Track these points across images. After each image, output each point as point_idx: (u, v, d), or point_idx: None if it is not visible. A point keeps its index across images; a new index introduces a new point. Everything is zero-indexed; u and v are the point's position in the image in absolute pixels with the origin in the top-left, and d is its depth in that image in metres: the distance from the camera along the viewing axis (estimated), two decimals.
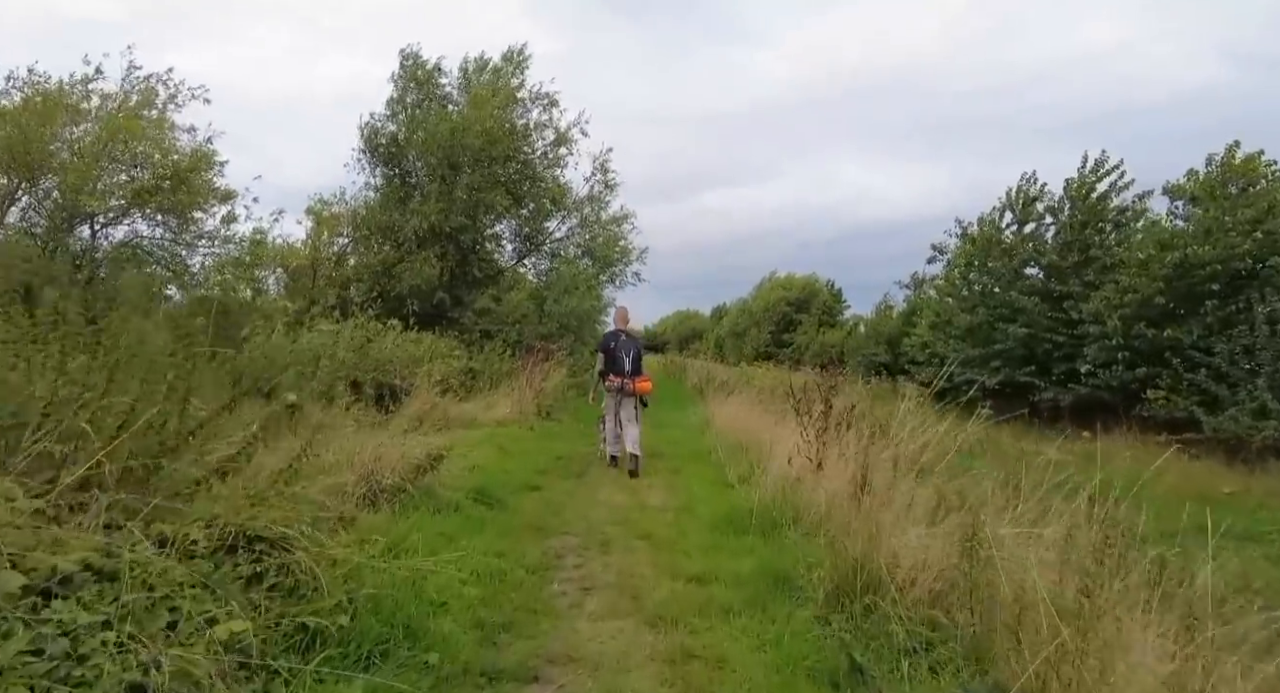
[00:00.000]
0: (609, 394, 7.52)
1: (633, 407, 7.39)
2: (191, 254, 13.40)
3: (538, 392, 10.84)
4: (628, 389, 7.34)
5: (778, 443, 6.98)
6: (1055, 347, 17.21)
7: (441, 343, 12.72)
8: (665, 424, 11.30)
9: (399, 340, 11.78)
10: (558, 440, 9.41)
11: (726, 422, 9.43)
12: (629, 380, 7.37)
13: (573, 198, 17.87)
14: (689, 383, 19.45)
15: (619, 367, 7.41)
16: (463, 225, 14.70)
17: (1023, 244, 19.11)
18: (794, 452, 5.99)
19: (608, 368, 7.48)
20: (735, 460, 7.23)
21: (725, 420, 9.51)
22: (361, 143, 16.32)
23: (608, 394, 7.55)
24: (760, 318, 39.71)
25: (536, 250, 17.95)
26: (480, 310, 14.31)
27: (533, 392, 10.64)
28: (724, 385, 15.50)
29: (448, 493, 5.33)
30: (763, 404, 9.90)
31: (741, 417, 9.39)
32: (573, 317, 14.13)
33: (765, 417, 9.09)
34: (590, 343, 15.41)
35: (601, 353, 7.66)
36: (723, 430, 9.25)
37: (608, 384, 7.47)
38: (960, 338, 19.80)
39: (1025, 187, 20.18)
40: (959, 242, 21.81)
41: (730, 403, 10.81)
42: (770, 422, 8.77)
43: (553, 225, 18.01)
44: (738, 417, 9.40)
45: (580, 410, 12.21)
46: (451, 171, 15.06)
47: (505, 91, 15.89)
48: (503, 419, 10.12)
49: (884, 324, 27.65)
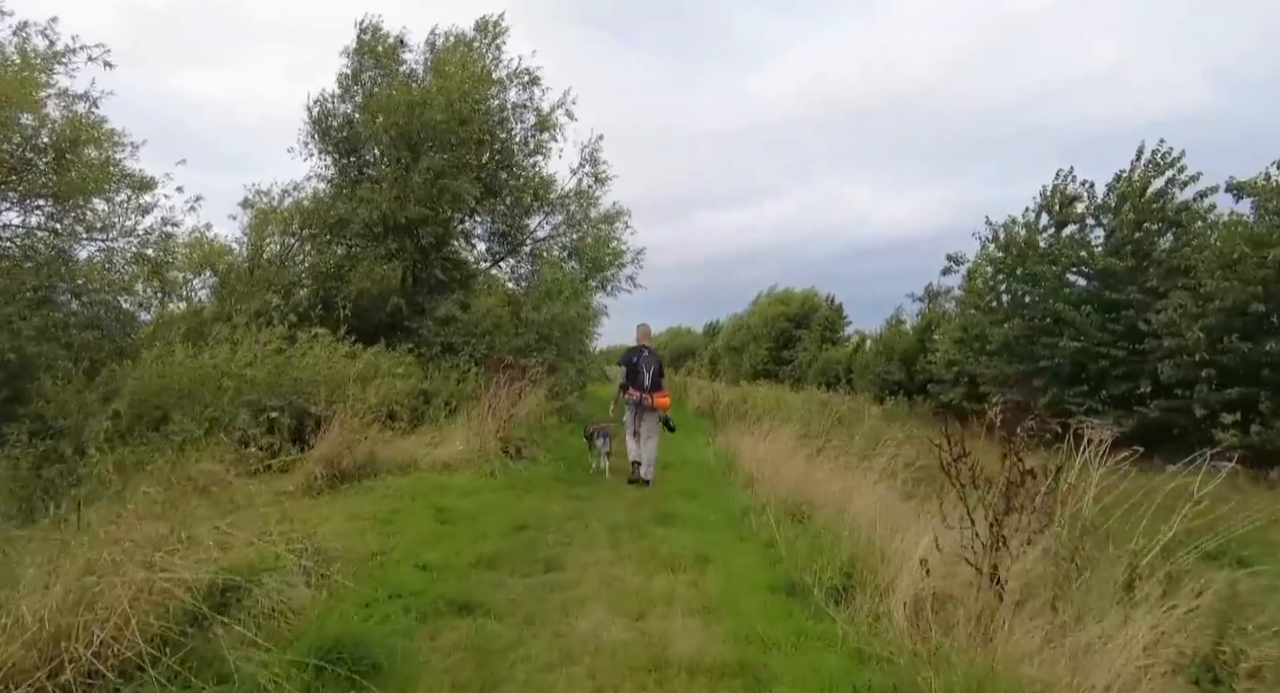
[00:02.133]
0: (628, 407, 7.44)
1: (653, 422, 7.33)
2: (76, 247, 10.50)
3: (504, 421, 7.99)
4: (646, 403, 7.29)
5: (873, 517, 4.20)
6: (1113, 363, 14.57)
7: (386, 358, 9.86)
8: (673, 463, 8.48)
9: (327, 355, 8.92)
10: (527, 493, 6.56)
11: (763, 468, 6.61)
12: (648, 395, 7.32)
13: (558, 192, 15.17)
14: (692, 404, 16.58)
15: (639, 381, 7.37)
16: (422, 217, 11.92)
17: (1066, 248, 16.55)
18: (932, 547, 3.21)
19: (629, 381, 7.45)
20: (800, 541, 4.43)
21: (761, 466, 6.69)
22: (309, 125, 13.56)
23: (627, 408, 7.46)
24: (758, 334, 37.05)
25: (515, 252, 15.19)
26: (443, 319, 11.53)
27: (497, 421, 7.79)
28: (736, 408, 12.69)
29: (253, 658, 2.49)
30: (811, 442, 7.11)
31: (785, 461, 6.58)
32: (555, 326, 11.38)
33: (822, 462, 6.31)
34: (578, 359, 12.67)
35: (624, 366, 7.66)
36: (759, 479, 6.44)
37: (628, 397, 7.40)
38: (996, 354, 17.13)
39: (1061, 185, 17.71)
40: (989, 246, 19.25)
41: (759, 437, 8.04)
42: (834, 470, 5.98)
43: (534, 223, 15.29)
44: (779, 461, 6.59)
45: (563, 445, 9.36)
46: (410, 153, 12.33)
47: (477, 65, 13.21)
48: (454, 460, 7.26)
49: (896, 340, 24.99)
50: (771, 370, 34.95)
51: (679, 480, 7.37)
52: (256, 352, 8.80)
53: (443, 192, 12.21)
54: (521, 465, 7.65)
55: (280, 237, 13.68)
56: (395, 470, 6.96)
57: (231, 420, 7.87)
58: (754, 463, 6.90)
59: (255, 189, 13.65)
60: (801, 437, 7.38)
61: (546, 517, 5.68)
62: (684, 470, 8.08)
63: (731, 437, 9.25)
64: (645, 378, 7.30)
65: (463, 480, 6.65)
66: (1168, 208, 15.07)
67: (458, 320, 11.59)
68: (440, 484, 6.43)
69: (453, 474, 6.95)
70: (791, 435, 7.48)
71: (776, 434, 8.17)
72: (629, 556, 4.55)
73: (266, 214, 13.54)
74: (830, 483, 5.72)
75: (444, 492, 6.17)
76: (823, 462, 6.49)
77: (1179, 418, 13.25)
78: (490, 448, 7.50)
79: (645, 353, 7.47)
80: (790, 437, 7.49)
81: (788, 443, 7.21)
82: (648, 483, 7.04)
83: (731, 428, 10.07)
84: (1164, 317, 13.15)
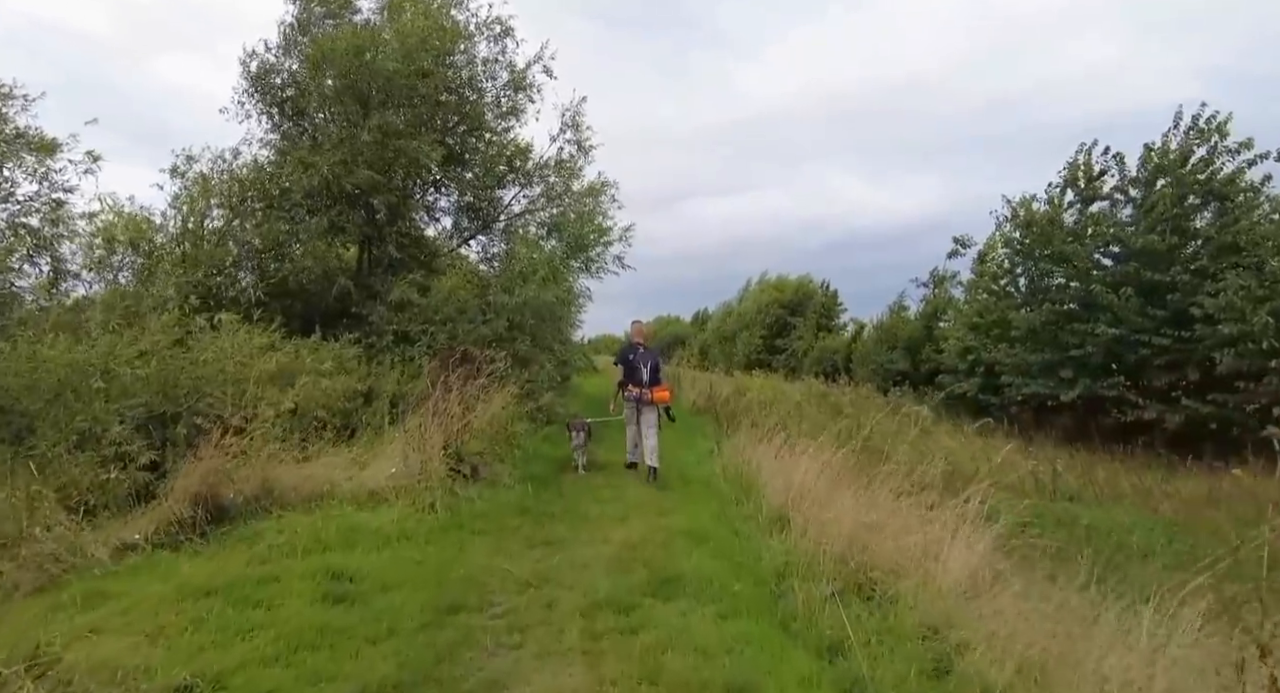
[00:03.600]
0: (628, 404, 7.37)
1: (654, 416, 7.15)
2: None
3: (455, 431, 6.11)
4: (646, 399, 7.16)
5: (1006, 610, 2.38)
6: (1155, 352, 12.91)
7: (319, 351, 7.95)
8: (671, 481, 6.66)
9: (235, 347, 6.99)
10: (476, 536, 4.71)
11: (799, 500, 4.75)
12: (647, 390, 7.19)
13: (535, 161, 13.21)
14: (687, 399, 14.70)
15: (637, 377, 7.26)
16: (373, 184, 9.94)
17: (1097, 226, 14.83)
18: None
19: (627, 378, 7.36)
20: (886, 647, 2.63)
21: (795, 497, 4.82)
22: (246, 81, 11.48)
23: (626, 404, 7.39)
24: (751, 321, 35.27)
25: (487, 229, 13.22)
26: (397, 304, 9.62)
27: (443, 434, 5.91)
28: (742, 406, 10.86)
29: None
30: (851, 456, 5.29)
31: (828, 490, 4.74)
32: (528, 312, 9.47)
33: (877, 491, 4.51)
34: (557, 349, 10.83)
35: (621, 365, 7.59)
36: (793, 516, 4.61)
37: (627, 394, 7.32)
38: (1019, 341, 15.42)
39: (1085, 159, 15.98)
40: (1005, 226, 17.52)
41: (781, 447, 6.22)
42: (898, 506, 4.19)
43: (508, 196, 13.32)
44: (819, 489, 4.74)
45: (535, 458, 7.52)
46: (359, 109, 10.33)
47: (439, 9, 11.20)
48: (385, 487, 5.39)
49: (899, 328, 23.28)
50: (764, 360, 33.26)
51: (681, 510, 5.53)
52: (148, 344, 6.86)
53: (398, 154, 10.22)
54: (475, 491, 5.78)
55: (218, 211, 11.66)
56: (301, 504, 5.08)
57: (105, 432, 5.97)
58: (783, 492, 5.06)
59: (185, 154, 11.56)
60: (837, 448, 5.55)
61: (494, 583, 3.84)
62: (686, 493, 6.25)
63: (743, 446, 7.43)
64: (643, 374, 7.23)
65: (387, 519, 4.78)
66: (1214, 179, 13.35)
67: (414, 305, 9.67)
68: (353, 527, 4.57)
69: (377, 508, 5.08)
70: (824, 448, 5.64)
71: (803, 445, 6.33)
72: (613, 679, 2.72)
73: (203, 183, 11.48)
74: (901, 529, 3.91)
75: (353, 541, 4.30)
76: (878, 491, 4.69)
77: (1234, 413, 11.61)
78: (434, 469, 5.63)
79: (641, 350, 7.41)
80: (822, 450, 5.65)
81: (823, 460, 5.38)
82: (655, 471, 6.88)
83: (742, 432, 8.24)
84: (1221, 299, 11.47)
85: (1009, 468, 9.06)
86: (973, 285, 20.47)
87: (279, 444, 5.96)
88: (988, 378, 16.85)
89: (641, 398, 7.11)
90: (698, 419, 12.49)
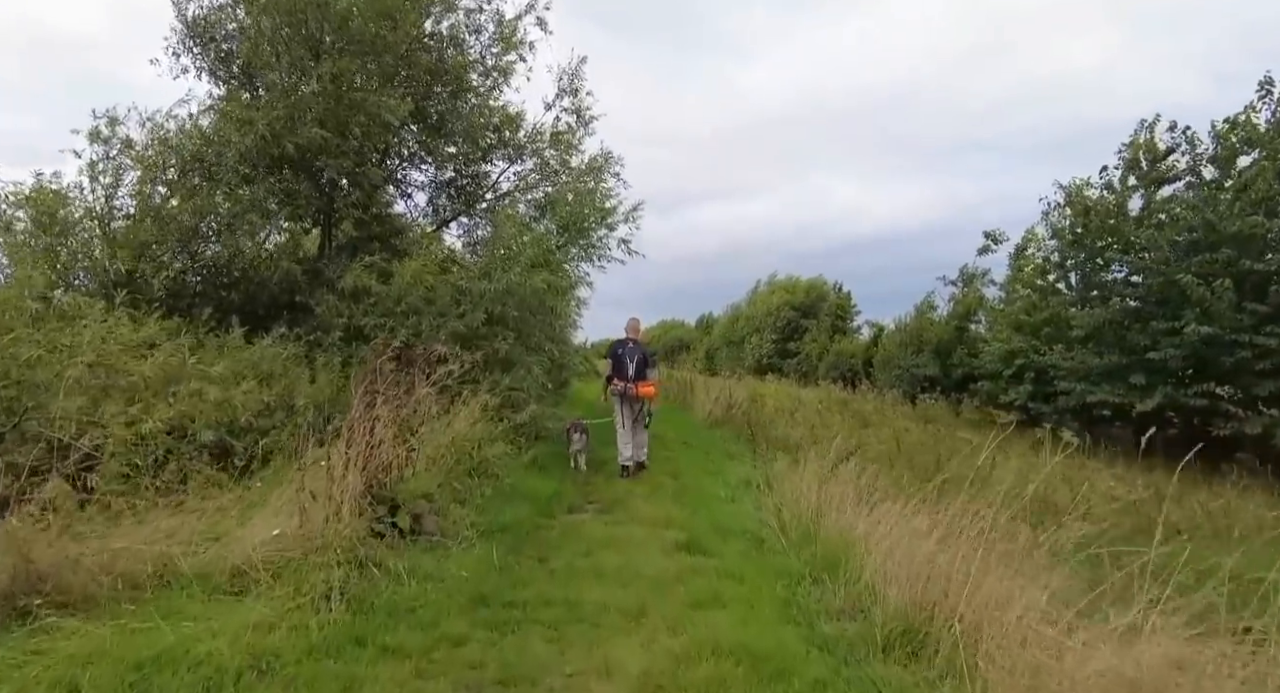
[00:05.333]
0: (615, 399, 7.25)
1: (640, 410, 7.15)
2: None
3: (389, 465, 4.07)
4: (630, 393, 7.11)
5: None
6: (1257, 354, 10.84)
7: (231, 352, 5.92)
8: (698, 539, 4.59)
9: (95, 343, 4.94)
10: (387, 660, 2.71)
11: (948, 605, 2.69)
12: (631, 385, 7.12)
13: (526, 132, 11.20)
14: (702, 409, 12.49)
15: (623, 372, 7.22)
16: (322, 144, 7.94)
17: (1166, 210, 12.76)
18: None
19: (614, 373, 7.32)
20: None
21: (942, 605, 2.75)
22: (181, 28, 9.49)
23: (614, 399, 7.26)
24: (760, 325, 33.20)
25: (470, 209, 11.21)
26: (350, 292, 7.61)
27: (368, 469, 3.87)
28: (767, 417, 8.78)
29: None
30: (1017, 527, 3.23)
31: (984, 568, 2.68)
32: (512, 302, 7.39)
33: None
34: (547, 348, 8.82)
35: (610, 359, 7.53)
36: (939, 623, 2.54)
37: (613, 388, 7.27)
38: (1078, 342, 13.34)
39: (1144, 136, 13.95)
40: (1053, 214, 15.46)
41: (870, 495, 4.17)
42: None
43: (496, 172, 11.31)
44: (998, 595, 2.68)
45: (513, 499, 5.44)
46: (306, 53, 8.33)
47: None
48: (256, 562, 3.35)
49: (925, 330, 21.20)
50: (776, 364, 31.21)
51: (727, 597, 3.45)
52: None
53: (354, 109, 8.22)
54: (411, 558, 3.73)
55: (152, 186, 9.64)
56: (126, 591, 3.05)
57: None
58: (905, 576, 2.99)
59: (107, 116, 9.53)
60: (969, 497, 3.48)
61: None
62: (728, 557, 4.15)
63: (795, 476, 5.35)
64: (629, 369, 7.20)
65: (237, 628, 2.73)
66: None
67: (372, 294, 7.65)
68: (160, 656, 2.52)
69: (239, 603, 3.03)
70: (943, 498, 3.58)
71: (879, 478, 4.27)
72: None
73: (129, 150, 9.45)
74: None
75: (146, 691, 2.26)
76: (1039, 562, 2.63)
77: None
78: (345, 528, 3.58)
79: (630, 345, 7.37)
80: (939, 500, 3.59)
81: (944, 517, 3.32)
82: (643, 466, 7.15)
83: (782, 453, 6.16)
84: None
85: (1100, 497, 7.13)
86: (1011, 282, 18.46)
87: (122, 484, 3.93)
88: (1037, 384, 14.78)
89: (627, 392, 7.12)
90: (715, 434, 10.41)
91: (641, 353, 7.28)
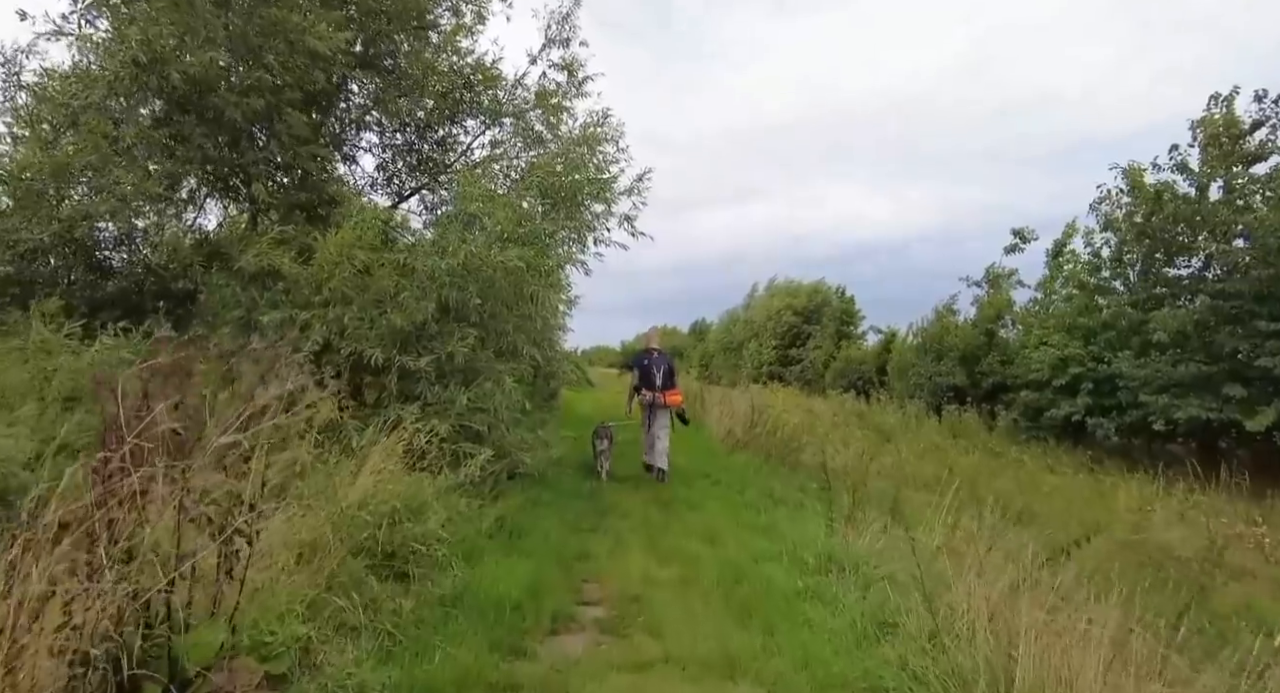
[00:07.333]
0: (643, 408, 7.30)
1: (666, 418, 7.17)
2: None
3: (159, 592, 1.89)
4: (659, 403, 7.13)
5: None
6: None
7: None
8: None
9: None
10: None
11: None
12: (660, 394, 7.14)
13: (505, 89, 9.02)
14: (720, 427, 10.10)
15: (651, 382, 7.19)
16: (220, 73, 5.72)
17: (1270, 188, 10.77)
18: None
19: (641, 383, 7.29)
20: None
21: None
22: None
23: (642, 409, 7.31)
24: (760, 330, 31.12)
25: (435, 182, 9.01)
26: (251, 273, 5.38)
27: (98, 616, 1.69)
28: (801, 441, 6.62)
29: None
30: None
31: None
32: (474, 285, 5.15)
33: None
34: (527, 351, 6.58)
35: (636, 369, 7.50)
36: None
37: (642, 398, 7.26)
38: (1159, 348, 11.29)
39: (1221, 112, 12.01)
40: (1105, 205, 13.46)
41: None
42: None
43: (468, 137, 9.11)
44: None
45: (472, 608, 3.16)
46: None
47: None
48: None
49: (948, 335, 19.15)
50: (777, 372, 29.11)
51: None
52: None
53: (268, 32, 5.98)
54: None
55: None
56: None
57: None
58: None
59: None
60: None
61: None
62: None
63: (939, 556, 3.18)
64: (657, 378, 7.14)
65: None
66: None
67: (282, 278, 5.43)
68: None
69: None
70: None
71: None
72: None
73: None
74: None
75: None
76: None
77: None
78: None
79: (655, 355, 7.33)
80: None
81: None
82: (665, 474, 7.01)
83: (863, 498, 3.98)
84: None
85: None
86: (1049, 281, 16.52)
87: None
88: (1096, 396, 12.73)
89: (655, 402, 7.13)
90: (740, 461, 8.20)
91: (667, 362, 7.35)
